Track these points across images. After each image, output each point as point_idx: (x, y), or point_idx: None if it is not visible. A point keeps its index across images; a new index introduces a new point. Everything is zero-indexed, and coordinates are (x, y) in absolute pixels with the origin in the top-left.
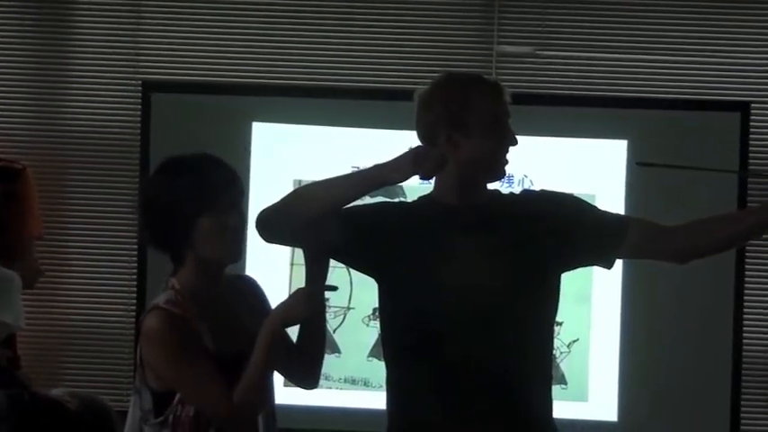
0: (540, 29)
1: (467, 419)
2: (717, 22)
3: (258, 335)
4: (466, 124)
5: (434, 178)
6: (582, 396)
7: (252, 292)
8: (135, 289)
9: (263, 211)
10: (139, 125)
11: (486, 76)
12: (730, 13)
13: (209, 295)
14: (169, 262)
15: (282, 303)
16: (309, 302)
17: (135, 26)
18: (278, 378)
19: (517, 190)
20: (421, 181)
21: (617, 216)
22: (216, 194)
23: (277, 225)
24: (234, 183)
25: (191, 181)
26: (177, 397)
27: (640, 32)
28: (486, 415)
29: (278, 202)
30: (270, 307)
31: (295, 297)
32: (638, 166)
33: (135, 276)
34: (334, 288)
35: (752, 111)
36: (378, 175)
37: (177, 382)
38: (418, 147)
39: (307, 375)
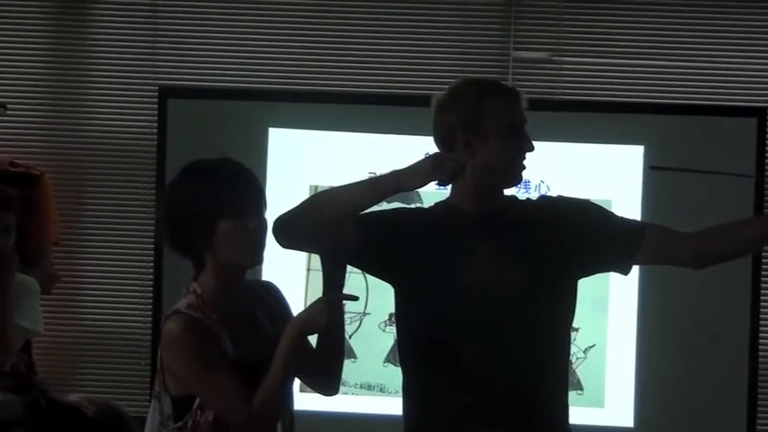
0: (555, 35)
1: (483, 425)
2: (733, 27)
3: (279, 342)
4: (483, 129)
5: (451, 184)
6: (598, 402)
7: (273, 297)
8: (151, 294)
9: (280, 216)
10: (156, 130)
11: (503, 82)
12: (746, 18)
13: (231, 300)
14: (187, 267)
15: (303, 312)
16: (330, 312)
17: (152, 32)
18: (294, 384)
19: (534, 196)
20: (438, 187)
21: (634, 222)
22: (236, 198)
23: (294, 231)
24: (254, 187)
25: (211, 184)
26: (197, 402)
27: (656, 38)
28: (503, 421)
29: (295, 208)
30: (291, 313)
31: (316, 307)
32: (653, 172)
33: (151, 282)
34: (354, 298)
35: None
36: (396, 180)
37: (196, 387)
38: (437, 153)
39: (327, 382)
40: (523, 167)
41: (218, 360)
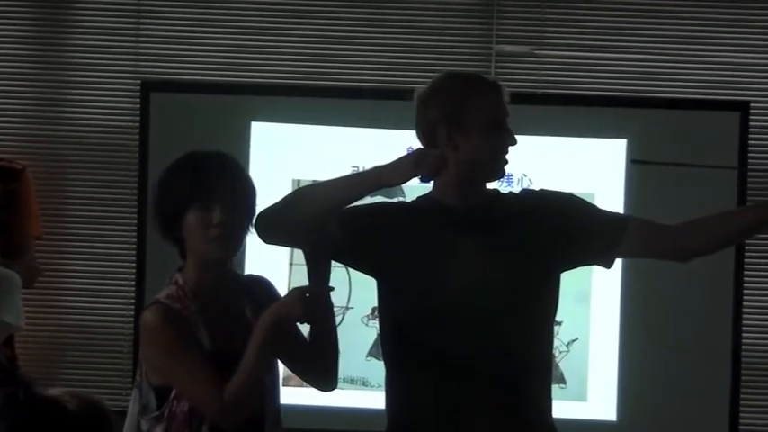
0: (538, 29)
1: (466, 419)
2: (716, 21)
3: (253, 332)
4: (465, 123)
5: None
6: (581, 396)
7: (264, 294)
8: (134, 289)
9: (263, 211)
10: (139, 124)
11: (485, 76)
12: (729, 12)
13: (212, 292)
14: (170, 260)
15: (277, 302)
16: (306, 302)
17: (135, 26)
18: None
19: (516, 189)
20: (420, 182)
21: (616, 215)
22: (202, 189)
23: (276, 226)
24: (228, 177)
25: (181, 175)
26: (173, 392)
27: (639, 32)
28: (487, 415)
29: (277, 204)
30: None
31: (290, 296)
32: (636, 165)
33: (134, 276)
34: (329, 289)
35: (751, 110)
36: (378, 176)
37: (170, 377)
38: (419, 149)
39: (321, 377)
40: (506, 161)
41: (192, 350)
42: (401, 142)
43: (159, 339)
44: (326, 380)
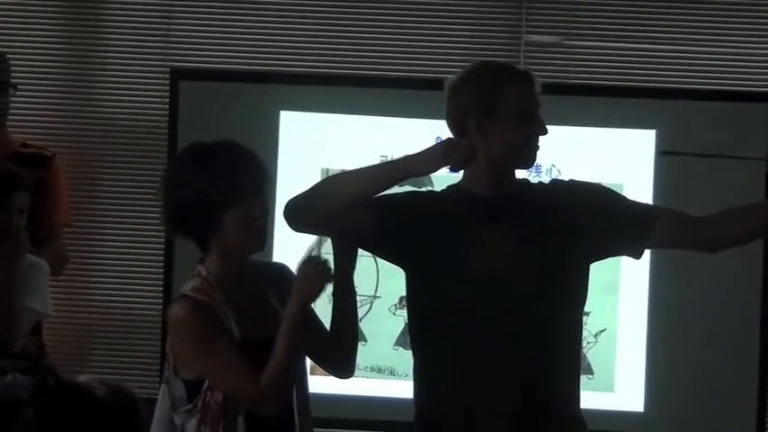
0: (568, 19)
1: (494, 409)
2: (747, 12)
3: (282, 320)
4: (496, 113)
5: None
6: (608, 386)
7: (284, 279)
8: (162, 277)
9: (292, 200)
10: (168, 113)
11: (516, 66)
12: (761, 3)
13: (237, 282)
14: (199, 254)
15: (294, 288)
16: (319, 275)
17: (165, 14)
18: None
19: (545, 179)
20: (450, 172)
21: (646, 206)
22: (242, 184)
23: (305, 214)
24: (259, 170)
25: (218, 170)
26: (206, 384)
27: (669, 23)
28: (514, 404)
29: (306, 191)
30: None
31: (304, 275)
32: (665, 156)
33: (162, 264)
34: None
35: None
36: (407, 165)
37: (204, 369)
38: (448, 138)
39: (341, 364)
40: (538, 148)
41: (224, 341)
42: (430, 132)
43: (190, 333)
44: (344, 367)
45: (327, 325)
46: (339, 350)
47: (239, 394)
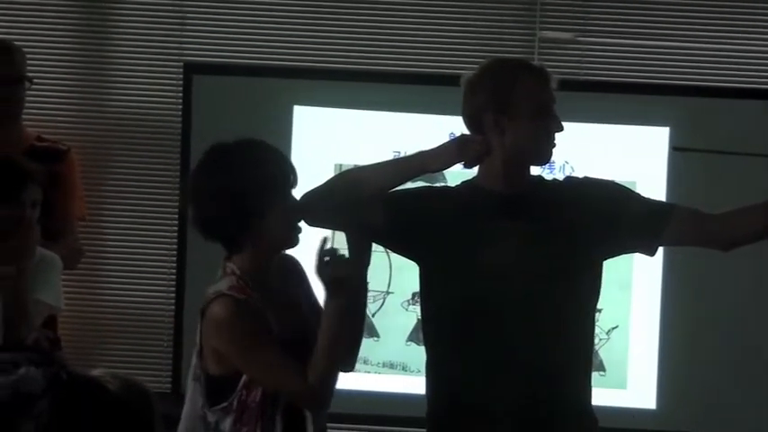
0: (582, 15)
1: (506, 404)
2: (762, 8)
3: (322, 315)
4: (512, 109)
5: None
6: (620, 383)
7: (297, 273)
8: (174, 271)
9: (307, 193)
10: (181, 107)
11: (532, 62)
12: None
13: (265, 278)
14: (210, 245)
15: (325, 278)
16: (344, 263)
17: (179, 8)
18: None
19: (559, 176)
20: (463, 168)
21: (660, 203)
22: (280, 181)
23: (320, 209)
24: (290, 165)
25: (255, 169)
26: (242, 381)
27: (683, 19)
28: (526, 400)
29: (322, 186)
30: (309, 284)
31: (320, 272)
32: (678, 153)
33: (175, 259)
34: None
35: None
36: (421, 162)
37: (252, 367)
38: (463, 135)
39: (344, 359)
40: (554, 145)
41: (269, 338)
42: (443, 128)
43: (236, 332)
44: (346, 361)
45: None
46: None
47: (292, 391)
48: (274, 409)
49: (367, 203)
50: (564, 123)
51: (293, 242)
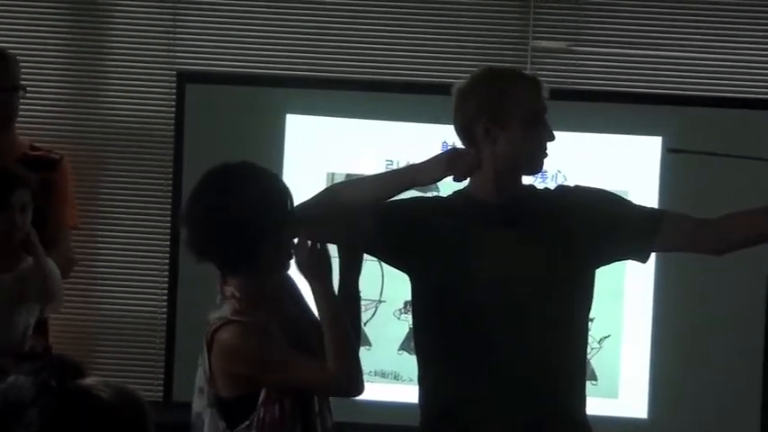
0: (574, 24)
1: (499, 414)
2: (754, 19)
3: (318, 308)
4: (504, 118)
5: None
6: (612, 393)
7: (290, 286)
8: (167, 280)
9: (298, 206)
10: (174, 116)
11: (524, 71)
12: (766, 8)
13: (265, 296)
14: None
15: (309, 281)
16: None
17: (171, 17)
18: None
19: (551, 185)
20: (454, 181)
21: (651, 209)
22: (281, 207)
23: (311, 221)
24: (287, 189)
25: (258, 196)
26: (261, 398)
27: (675, 29)
28: (520, 409)
29: (311, 200)
30: (301, 294)
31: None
32: (671, 162)
33: (167, 268)
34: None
35: None
36: (411, 175)
37: (277, 377)
38: (453, 148)
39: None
40: (546, 155)
41: (286, 349)
42: (436, 136)
43: (249, 355)
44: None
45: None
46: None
47: (324, 384)
48: (294, 423)
49: (357, 216)
50: (556, 132)
51: (287, 267)
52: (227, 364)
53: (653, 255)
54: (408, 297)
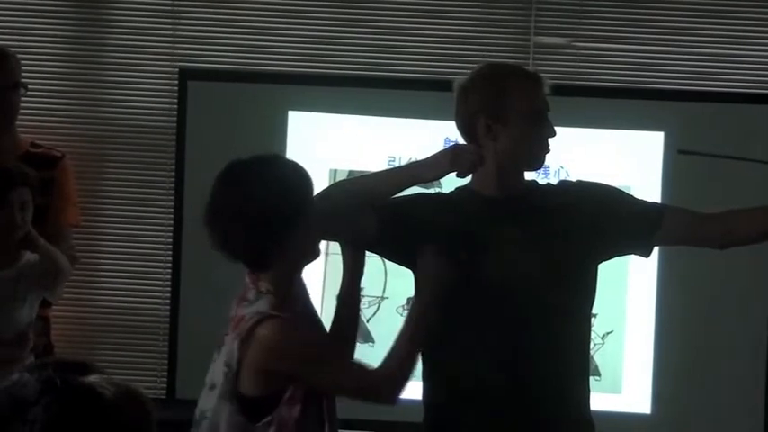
0: (576, 20)
1: (503, 410)
2: (757, 14)
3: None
4: (505, 114)
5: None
6: (615, 388)
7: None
8: (170, 278)
9: None
10: (176, 113)
11: (526, 68)
12: None
13: (292, 291)
14: (205, 251)
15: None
16: (444, 263)
17: (173, 14)
18: None
19: (553, 181)
20: (456, 177)
21: (653, 203)
22: (309, 196)
23: (315, 219)
24: (309, 178)
25: (287, 186)
26: (287, 396)
27: (678, 24)
28: (524, 405)
29: (315, 197)
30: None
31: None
32: (675, 157)
33: (170, 264)
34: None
35: None
36: (414, 172)
37: (321, 377)
38: (455, 144)
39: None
40: (548, 151)
41: (328, 346)
42: (438, 133)
43: (294, 351)
44: None
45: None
46: None
47: (371, 390)
48: (313, 423)
49: (360, 213)
50: (559, 128)
51: (318, 253)
52: (264, 359)
53: (656, 250)
54: (411, 293)
